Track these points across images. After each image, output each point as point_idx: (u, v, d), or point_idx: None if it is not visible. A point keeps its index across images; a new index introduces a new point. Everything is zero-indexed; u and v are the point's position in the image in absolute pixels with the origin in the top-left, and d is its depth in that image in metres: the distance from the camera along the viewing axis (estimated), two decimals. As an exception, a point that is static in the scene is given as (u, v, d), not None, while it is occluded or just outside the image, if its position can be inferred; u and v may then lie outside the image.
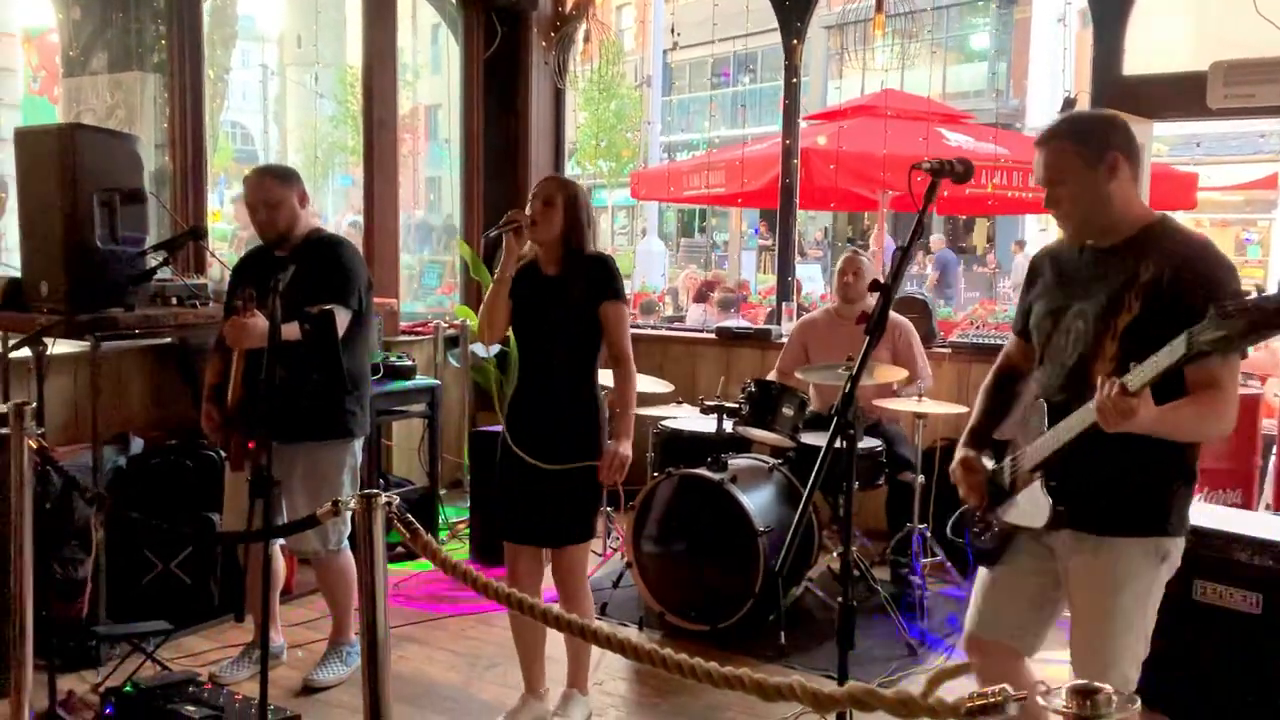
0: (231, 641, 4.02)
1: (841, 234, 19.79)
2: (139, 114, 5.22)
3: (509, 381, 5.76)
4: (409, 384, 5.11)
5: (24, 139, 3.89)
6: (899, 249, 2.37)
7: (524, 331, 3.35)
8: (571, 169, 9.54)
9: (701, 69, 23.43)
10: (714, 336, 6.20)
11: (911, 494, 4.57)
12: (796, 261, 6.84)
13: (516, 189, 6.48)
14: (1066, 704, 1.20)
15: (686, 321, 9.28)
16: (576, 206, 3.26)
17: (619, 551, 4.97)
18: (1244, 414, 2.64)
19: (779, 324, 6.13)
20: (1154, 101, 4.90)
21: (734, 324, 6.42)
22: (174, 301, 4.10)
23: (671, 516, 4.27)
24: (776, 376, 4.89)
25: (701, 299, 10.05)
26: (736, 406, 4.50)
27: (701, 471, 4.20)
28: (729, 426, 4.47)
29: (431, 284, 10.05)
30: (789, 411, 4.42)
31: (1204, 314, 1.91)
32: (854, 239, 18.03)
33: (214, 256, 4.68)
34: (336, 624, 3.86)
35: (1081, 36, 5.22)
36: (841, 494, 4.26)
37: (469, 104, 6.52)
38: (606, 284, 3.26)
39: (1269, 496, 4.86)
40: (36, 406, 2.96)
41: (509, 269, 3.24)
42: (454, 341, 6.07)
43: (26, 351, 3.72)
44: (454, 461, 6.13)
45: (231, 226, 10.95)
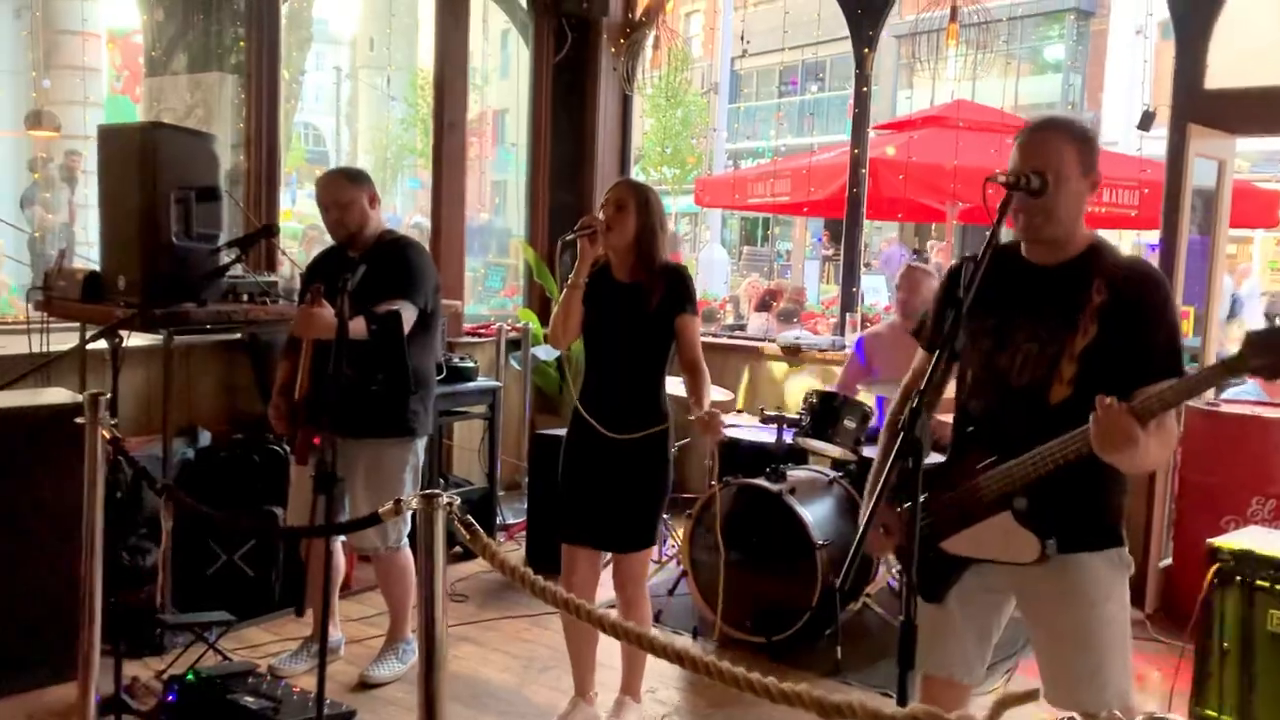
0: (291, 635, 4.08)
1: (908, 246, 19.55)
2: (216, 113, 5.34)
3: (570, 387, 5.78)
4: (471, 385, 5.15)
5: (107, 136, 4.00)
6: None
7: (594, 337, 3.34)
8: (636, 175, 9.55)
9: (769, 77, 23.34)
10: (775, 346, 6.16)
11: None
12: (862, 272, 6.77)
13: (582, 194, 6.51)
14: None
15: (748, 330, 9.24)
16: (649, 212, 3.23)
17: (675, 559, 4.95)
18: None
19: (842, 335, 6.07)
20: (1237, 116, 4.76)
21: (796, 334, 6.37)
22: (245, 298, 4.18)
23: (729, 526, 4.24)
24: (838, 389, 4.84)
25: (763, 308, 9.99)
26: (797, 417, 4.46)
27: (760, 482, 4.16)
28: (788, 437, 4.43)
29: (495, 286, 10.14)
30: (851, 424, 4.37)
31: (1157, 336, 2.05)
32: (918, 251, 17.81)
33: (285, 255, 4.76)
34: (394, 621, 3.89)
35: (1161, 48, 5.08)
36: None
37: (537, 109, 6.56)
38: (681, 296, 3.23)
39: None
40: (111, 398, 3.03)
41: (583, 274, 3.21)
42: (516, 344, 6.11)
43: (104, 343, 3.81)
44: (513, 464, 6.16)
45: (302, 225, 11.15)
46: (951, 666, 2.34)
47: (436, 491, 1.96)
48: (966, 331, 2.17)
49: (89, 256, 5.49)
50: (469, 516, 1.96)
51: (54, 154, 9.19)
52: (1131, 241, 8.95)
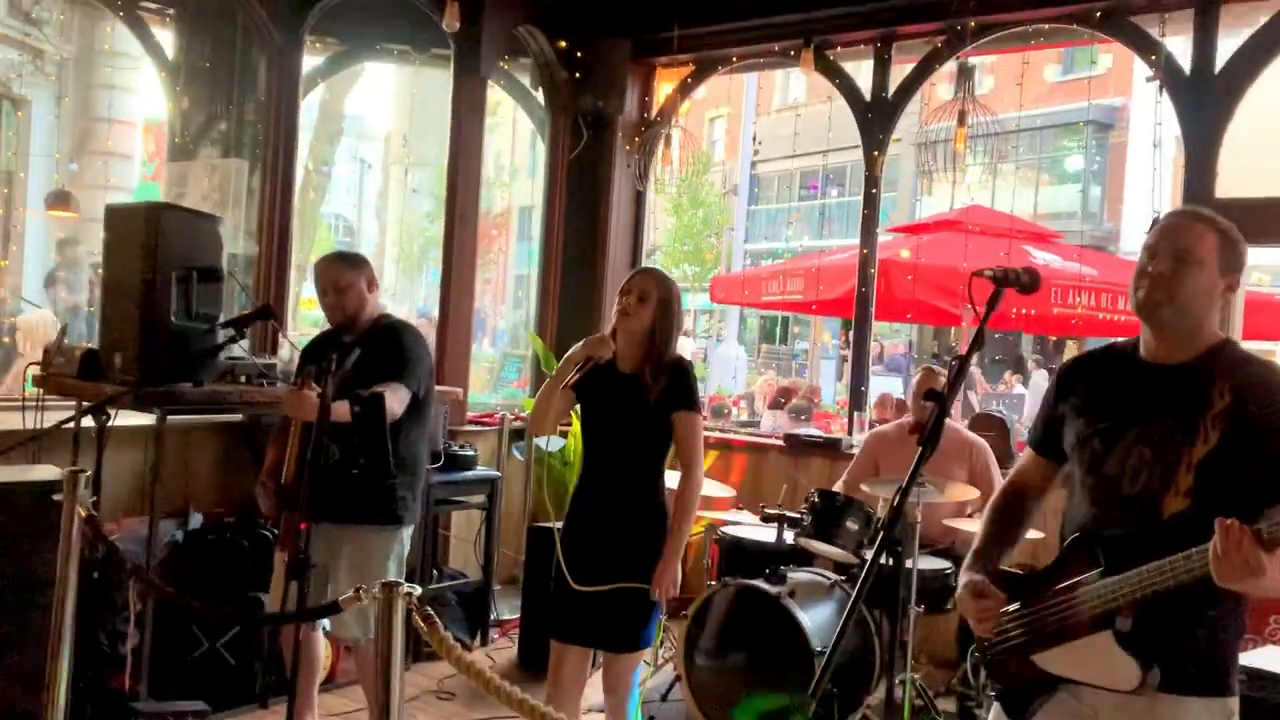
0: (268, 727, 3.95)
1: (926, 349, 19.54)
2: (232, 198, 5.42)
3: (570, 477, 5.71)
4: (469, 474, 5.08)
5: (113, 216, 4.05)
6: (956, 359, 2.23)
7: (591, 427, 3.28)
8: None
9: (789, 180, 23.75)
10: (781, 442, 6.08)
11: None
12: (872, 371, 6.71)
13: (593, 286, 6.52)
14: None
15: (760, 428, 9.17)
16: (669, 308, 3.19)
17: (670, 662, 4.79)
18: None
19: (850, 434, 5.98)
20: (1248, 226, 4.72)
21: (803, 431, 6.29)
22: (243, 379, 4.16)
23: (726, 628, 4.10)
24: (843, 488, 4.74)
25: (777, 405, 9.94)
26: (798, 516, 4.36)
27: (759, 583, 4.04)
28: (789, 537, 4.32)
29: (510, 377, 10.14)
30: (853, 525, 4.26)
31: None
32: (938, 354, 17.77)
33: (285, 337, 4.76)
34: (374, 716, 3.76)
35: (1178, 159, 5.08)
36: (905, 617, 4.09)
37: (552, 202, 6.64)
38: (682, 391, 3.17)
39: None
40: (92, 475, 2.98)
41: (569, 376, 3.14)
42: (520, 434, 6.05)
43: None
44: (511, 557, 6.04)
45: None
46: None
47: (397, 581, 1.89)
48: (1074, 432, 2.07)
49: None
50: (428, 609, 1.89)
51: (80, 236, 9.40)
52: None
